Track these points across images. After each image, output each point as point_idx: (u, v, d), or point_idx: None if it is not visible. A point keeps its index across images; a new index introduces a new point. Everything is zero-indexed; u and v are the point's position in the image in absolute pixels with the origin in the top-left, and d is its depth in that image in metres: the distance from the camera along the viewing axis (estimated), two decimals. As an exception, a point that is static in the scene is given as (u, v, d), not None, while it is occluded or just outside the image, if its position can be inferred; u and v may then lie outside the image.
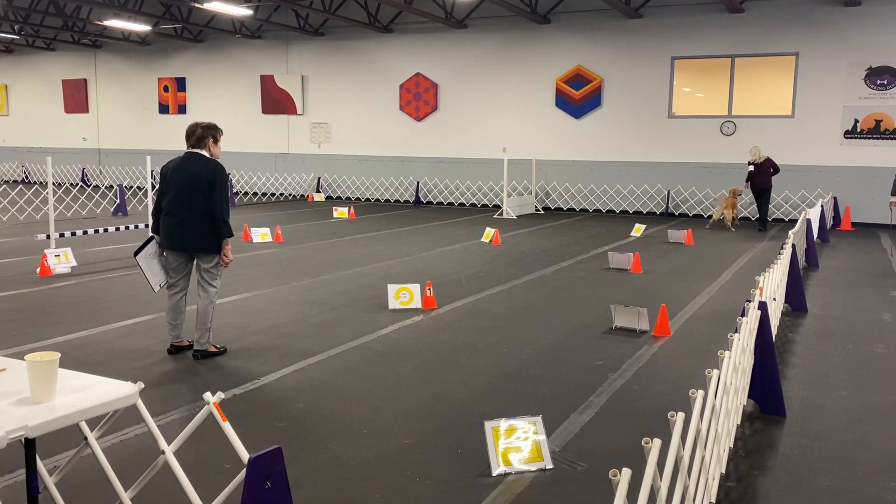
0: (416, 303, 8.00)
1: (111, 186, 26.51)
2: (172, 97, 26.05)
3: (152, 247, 6.11)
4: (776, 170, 15.85)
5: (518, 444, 4.11)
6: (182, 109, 25.85)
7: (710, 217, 17.74)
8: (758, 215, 16.57)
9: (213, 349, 6.17)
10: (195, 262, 6.17)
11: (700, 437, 2.95)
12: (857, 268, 11.29)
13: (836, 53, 17.36)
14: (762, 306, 4.85)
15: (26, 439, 2.33)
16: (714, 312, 8.03)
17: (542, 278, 9.98)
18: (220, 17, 23.10)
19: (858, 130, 17.35)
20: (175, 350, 6.23)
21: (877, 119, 17.17)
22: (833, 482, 3.98)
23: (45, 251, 10.04)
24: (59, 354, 2.46)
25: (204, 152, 6.08)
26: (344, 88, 23.03)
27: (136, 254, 6.05)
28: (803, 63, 17.69)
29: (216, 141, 6.15)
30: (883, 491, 3.88)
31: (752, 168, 15.90)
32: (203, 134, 6.08)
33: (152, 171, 22.94)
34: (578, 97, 19.97)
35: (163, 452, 2.81)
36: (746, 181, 16.00)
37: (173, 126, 25.90)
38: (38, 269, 9.94)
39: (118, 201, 17.78)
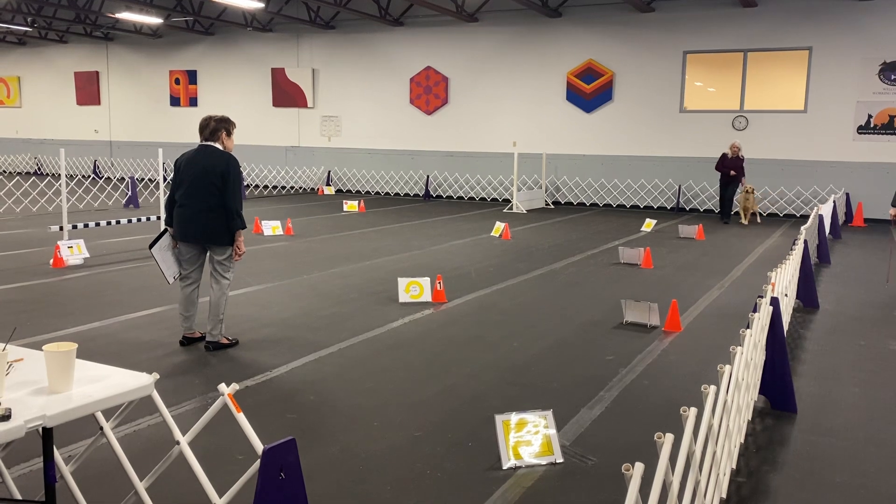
0: (427, 296, 8.02)
1: (123, 179, 26.63)
2: (184, 90, 26.12)
3: (166, 239, 6.16)
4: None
5: (528, 438, 4.12)
6: (193, 102, 25.92)
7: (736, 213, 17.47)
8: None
9: (224, 341, 6.20)
10: (208, 254, 6.21)
11: (712, 432, 2.95)
12: (868, 264, 11.23)
13: (850, 48, 17.22)
14: (774, 302, 4.83)
15: (44, 428, 2.35)
16: (725, 308, 8.01)
17: (552, 273, 9.97)
18: (232, 10, 23.14)
19: (872, 126, 17.22)
20: (187, 341, 6.27)
21: (890, 115, 17.03)
22: (844, 479, 3.97)
23: (58, 243, 10.11)
24: (76, 345, 2.48)
25: (217, 145, 6.11)
26: (354, 82, 23.03)
27: (150, 246, 6.10)
28: (816, 58, 17.57)
29: (229, 134, 6.19)
30: (894, 489, 3.87)
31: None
32: (216, 127, 6.11)
33: (164, 164, 23.04)
34: (589, 91, 19.90)
35: (177, 443, 2.84)
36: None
37: (184, 119, 25.99)
38: (51, 261, 10.01)
39: (130, 193, 17.86)
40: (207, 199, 5.97)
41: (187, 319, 6.26)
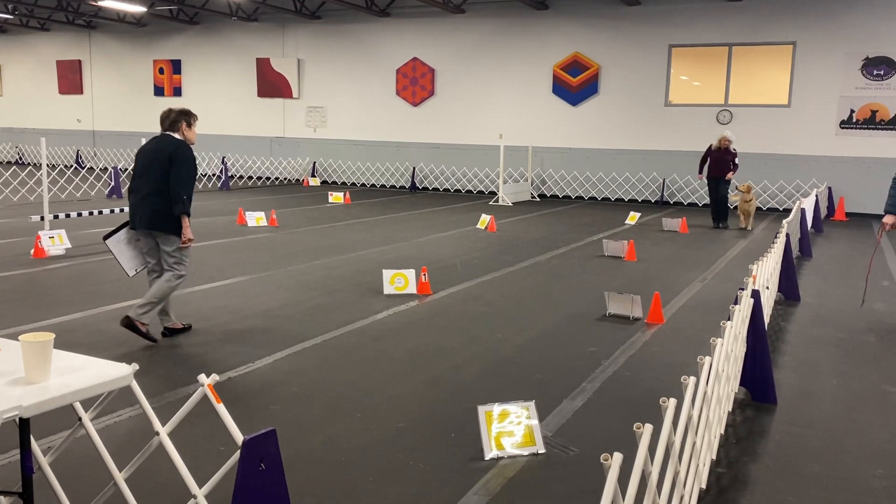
0: (411, 288, 8.01)
1: (105, 168, 26.39)
2: (168, 79, 25.89)
3: (126, 232, 6.03)
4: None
5: (511, 429, 4.13)
6: (177, 92, 25.69)
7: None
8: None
9: (141, 327, 5.89)
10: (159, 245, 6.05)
11: (691, 423, 2.97)
12: (849, 258, 11.34)
13: (834, 43, 17.34)
14: (755, 295, 4.87)
15: (21, 419, 2.33)
16: (707, 300, 8.06)
17: (536, 265, 9.99)
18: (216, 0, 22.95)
19: (854, 121, 17.36)
20: (169, 333, 6.23)
21: (872, 109, 17.18)
22: (822, 469, 4.01)
23: (39, 233, 10.01)
24: (53, 335, 2.46)
25: (176, 135, 6.01)
26: (340, 72, 22.92)
27: (105, 238, 5.96)
28: (800, 52, 17.67)
29: (189, 125, 6.09)
30: (871, 478, 3.92)
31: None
32: (176, 118, 6.04)
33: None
34: (575, 84, 19.92)
35: (157, 434, 2.82)
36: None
37: (168, 108, 25.74)
38: (32, 251, 9.91)
39: (112, 183, 17.71)
40: (153, 184, 5.86)
41: (163, 311, 6.18)
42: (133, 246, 6.10)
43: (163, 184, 5.87)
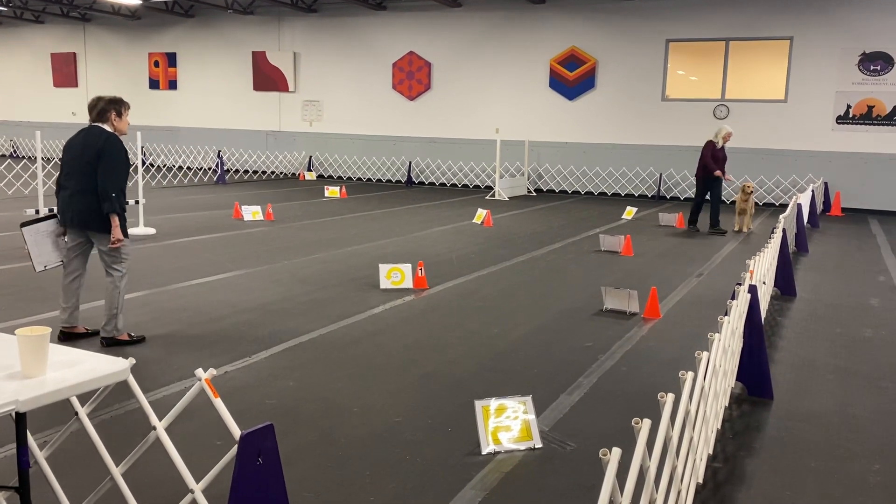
0: (408, 283, 8.01)
1: (101, 162, 26.28)
2: (163, 73, 25.78)
3: (50, 224, 5.81)
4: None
5: (508, 424, 4.14)
6: (173, 85, 25.60)
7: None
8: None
9: (124, 337, 5.84)
10: (95, 245, 5.86)
11: (689, 418, 2.97)
12: (846, 253, 11.36)
13: (830, 38, 17.34)
14: (752, 290, 4.87)
15: (17, 413, 2.32)
16: (704, 295, 8.07)
17: (533, 260, 9.99)
18: (212, -8, 22.82)
19: (851, 116, 17.38)
20: (64, 336, 5.89)
21: (869, 105, 17.19)
22: (819, 464, 4.02)
23: (34, 226, 9.96)
24: (49, 329, 2.45)
25: (105, 126, 5.77)
26: (336, 66, 22.86)
27: (23, 225, 5.70)
28: (797, 47, 17.67)
29: (120, 115, 5.81)
30: (867, 473, 3.93)
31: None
32: (105, 108, 5.77)
33: (142, 147, 22.73)
34: (572, 78, 19.89)
35: (154, 428, 2.81)
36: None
37: (163, 102, 25.67)
38: (27, 245, 9.87)
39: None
40: (82, 180, 5.65)
41: (65, 311, 5.91)
42: (53, 241, 5.84)
43: (92, 180, 5.63)
